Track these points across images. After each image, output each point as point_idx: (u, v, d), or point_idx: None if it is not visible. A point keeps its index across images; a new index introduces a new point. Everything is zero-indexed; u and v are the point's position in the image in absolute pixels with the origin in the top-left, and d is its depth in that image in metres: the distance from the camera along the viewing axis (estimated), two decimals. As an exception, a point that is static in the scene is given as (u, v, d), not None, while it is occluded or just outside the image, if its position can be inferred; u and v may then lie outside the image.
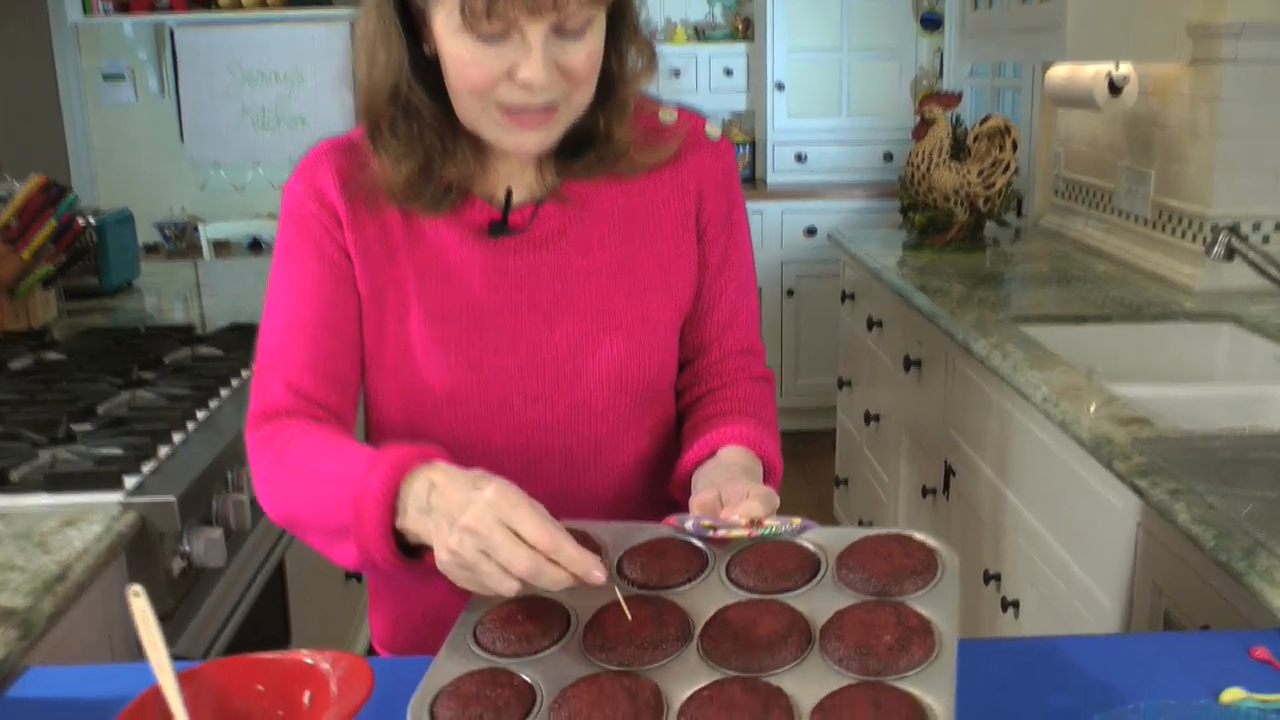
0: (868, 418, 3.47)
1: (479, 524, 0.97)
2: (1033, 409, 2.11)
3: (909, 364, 2.97)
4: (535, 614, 1.02)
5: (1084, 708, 1.08)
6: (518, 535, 0.97)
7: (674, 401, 1.39)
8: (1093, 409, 1.91)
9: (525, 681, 0.95)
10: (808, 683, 0.91)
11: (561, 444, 1.30)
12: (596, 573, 0.98)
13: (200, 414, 2.07)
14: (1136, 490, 1.66)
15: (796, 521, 1.10)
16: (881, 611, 0.97)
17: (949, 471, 2.70)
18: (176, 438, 1.94)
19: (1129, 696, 1.09)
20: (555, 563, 0.97)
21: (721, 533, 1.10)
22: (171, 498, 1.70)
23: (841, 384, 3.89)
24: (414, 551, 1.10)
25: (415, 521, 1.05)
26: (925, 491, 2.87)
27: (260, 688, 1.00)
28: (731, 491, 1.16)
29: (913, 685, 0.89)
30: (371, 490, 1.07)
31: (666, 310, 1.32)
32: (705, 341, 1.37)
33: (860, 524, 3.63)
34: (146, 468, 1.80)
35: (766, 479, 1.26)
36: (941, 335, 2.68)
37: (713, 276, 1.35)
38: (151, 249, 5.05)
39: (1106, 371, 2.18)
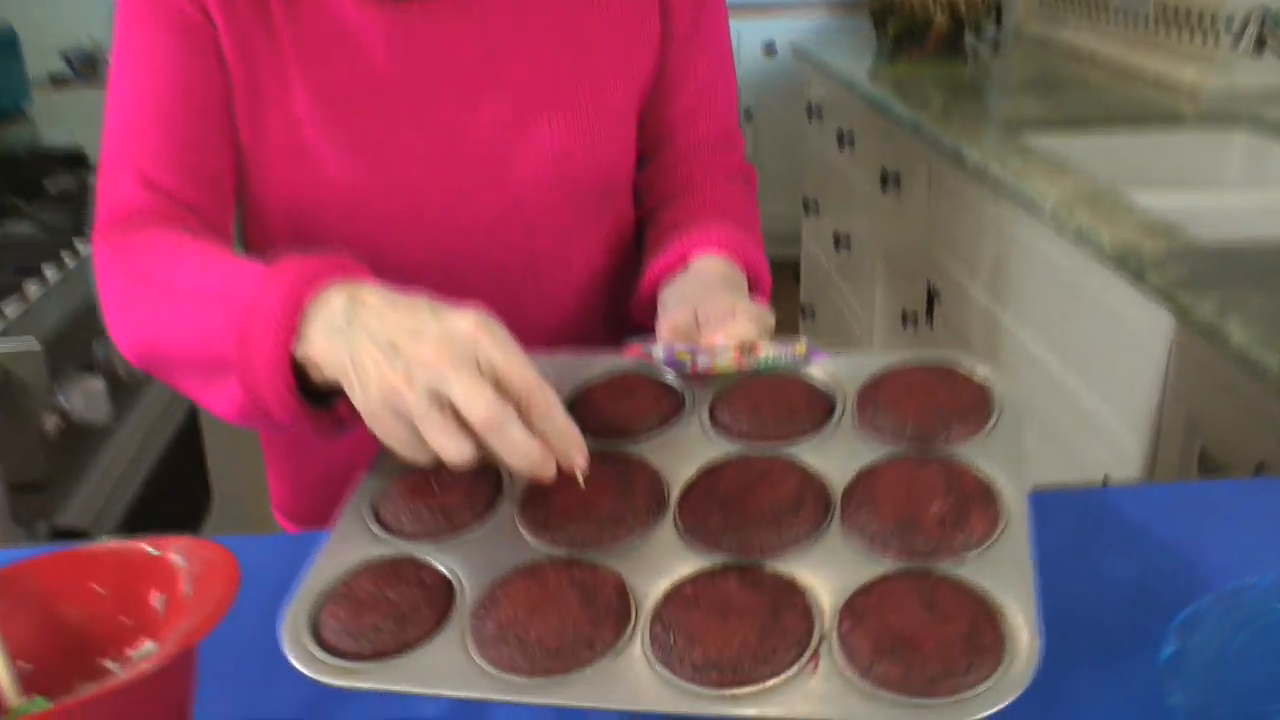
0: (837, 242, 3.22)
1: (443, 355, 0.69)
2: (1037, 222, 1.87)
3: (886, 181, 2.70)
4: (457, 480, 0.75)
5: (1154, 578, 0.87)
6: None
7: (633, 205, 1.13)
8: (1114, 217, 1.65)
9: (440, 574, 0.70)
10: (830, 571, 0.66)
11: (490, 255, 1.04)
12: (579, 457, 0.72)
13: (81, 247, 1.78)
14: (1175, 306, 1.42)
15: (800, 348, 0.84)
16: (925, 470, 0.71)
17: (932, 295, 2.46)
18: (50, 274, 1.67)
19: (1207, 562, 0.88)
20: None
21: (702, 363, 0.84)
22: (36, 343, 1.44)
23: (807, 207, 3.63)
24: (317, 398, 0.81)
25: (323, 349, 0.75)
26: (905, 319, 2.64)
27: (98, 589, 0.75)
28: (711, 309, 0.90)
29: (975, 573, 0.64)
30: (266, 305, 0.77)
31: (620, 90, 1.05)
32: (670, 125, 1.11)
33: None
34: (10, 310, 1.53)
35: (752, 295, 1.00)
36: (924, 148, 2.42)
37: (679, 50, 1.08)
38: (60, 81, 4.69)
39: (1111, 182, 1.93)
